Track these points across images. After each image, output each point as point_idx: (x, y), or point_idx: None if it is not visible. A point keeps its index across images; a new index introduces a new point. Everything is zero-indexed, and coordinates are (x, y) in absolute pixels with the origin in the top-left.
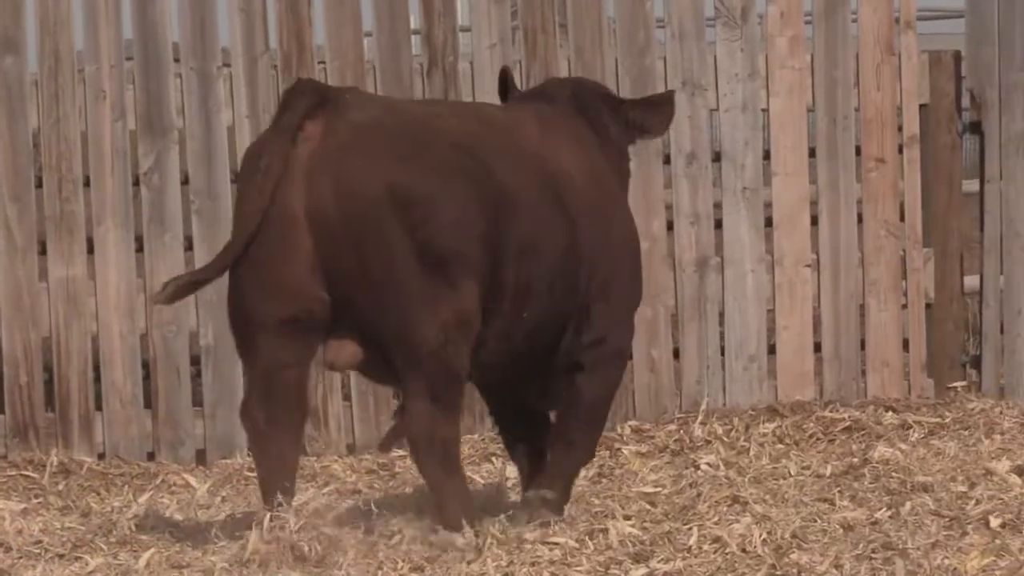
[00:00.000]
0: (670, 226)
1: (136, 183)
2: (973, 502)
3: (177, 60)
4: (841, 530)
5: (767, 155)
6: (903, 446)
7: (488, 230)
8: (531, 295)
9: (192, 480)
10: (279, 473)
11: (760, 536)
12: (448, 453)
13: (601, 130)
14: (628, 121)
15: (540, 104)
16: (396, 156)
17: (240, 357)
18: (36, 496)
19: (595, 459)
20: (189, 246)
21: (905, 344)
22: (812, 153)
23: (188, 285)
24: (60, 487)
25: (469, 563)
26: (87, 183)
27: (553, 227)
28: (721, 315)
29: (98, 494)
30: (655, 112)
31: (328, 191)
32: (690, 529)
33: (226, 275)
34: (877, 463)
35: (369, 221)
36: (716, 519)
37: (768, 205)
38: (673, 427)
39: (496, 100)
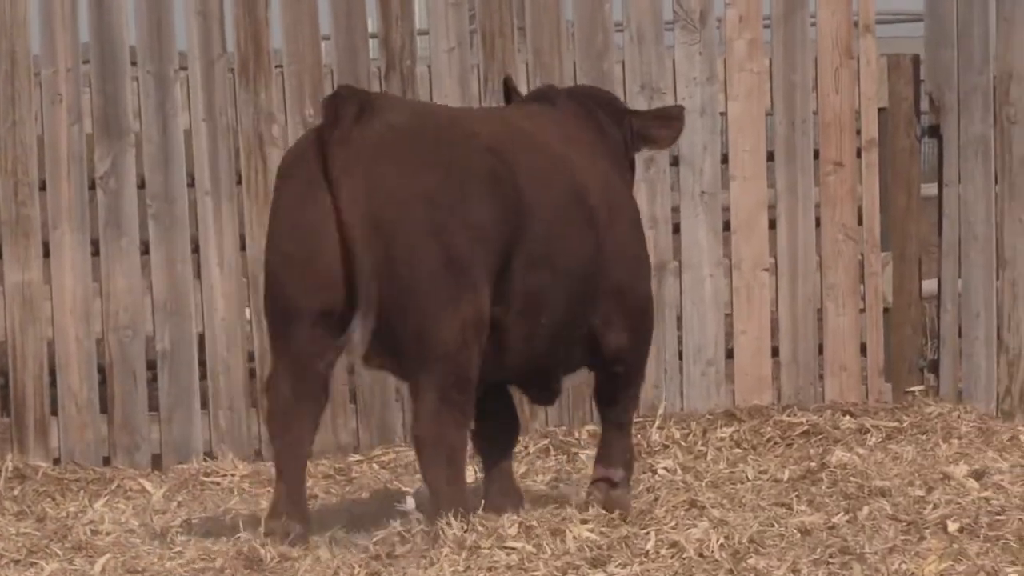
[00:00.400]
0: None
1: (92, 187)
2: (931, 506)
3: (134, 63)
4: (798, 535)
5: (725, 159)
6: (861, 450)
7: (513, 235)
8: (554, 297)
9: (148, 485)
10: (295, 456)
11: (717, 541)
12: (453, 459)
13: (601, 129)
14: (634, 131)
15: (547, 106)
16: (426, 159)
17: (271, 344)
18: None
19: (552, 463)
20: (145, 250)
21: (863, 348)
22: (770, 157)
23: (367, 326)
24: (15, 492)
25: (425, 569)
26: (43, 187)
27: (575, 230)
28: (679, 319)
29: (53, 499)
30: (663, 125)
31: (361, 192)
32: (647, 534)
33: (177, 281)
34: (835, 467)
35: (398, 222)
36: (673, 524)
37: (726, 209)
38: None
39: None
